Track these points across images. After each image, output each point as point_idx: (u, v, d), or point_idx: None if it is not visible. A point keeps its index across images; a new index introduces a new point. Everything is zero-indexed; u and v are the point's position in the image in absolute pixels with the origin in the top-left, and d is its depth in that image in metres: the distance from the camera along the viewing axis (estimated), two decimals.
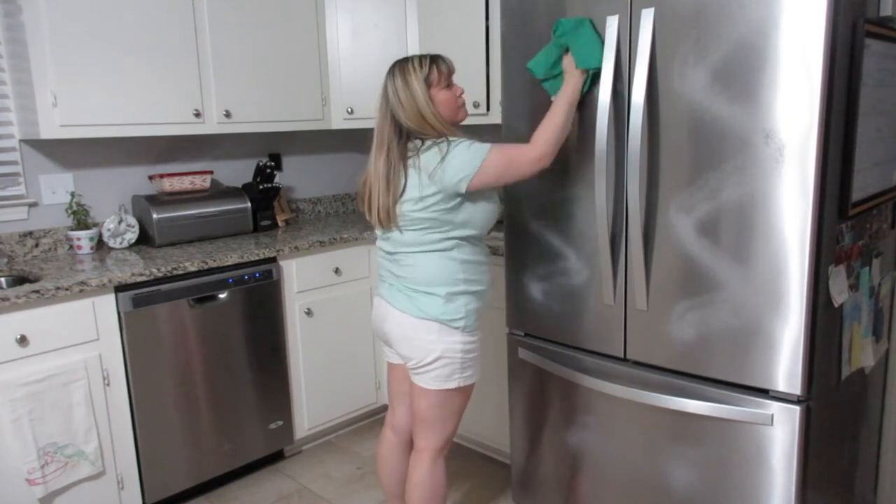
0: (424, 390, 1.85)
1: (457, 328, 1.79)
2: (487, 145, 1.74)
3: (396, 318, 1.84)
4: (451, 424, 1.91)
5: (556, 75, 1.89)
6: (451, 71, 1.84)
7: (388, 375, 2.10)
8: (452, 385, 1.83)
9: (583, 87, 1.84)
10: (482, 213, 1.81)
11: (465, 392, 1.89)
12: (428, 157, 1.73)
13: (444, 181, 1.72)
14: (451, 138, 1.76)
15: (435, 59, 1.81)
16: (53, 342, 2.13)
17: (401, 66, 1.81)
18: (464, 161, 1.71)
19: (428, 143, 1.76)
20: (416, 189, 1.74)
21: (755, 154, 1.58)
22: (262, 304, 2.66)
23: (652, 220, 1.79)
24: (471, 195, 1.77)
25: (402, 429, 2.08)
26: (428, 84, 1.78)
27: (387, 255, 1.90)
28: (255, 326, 2.65)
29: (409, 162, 1.76)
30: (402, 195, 1.77)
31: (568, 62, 1.84)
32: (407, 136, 1.78)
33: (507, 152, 1.76)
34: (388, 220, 1.80)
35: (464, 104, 1.88)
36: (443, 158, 1.71)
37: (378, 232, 1.90)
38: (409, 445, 2.06)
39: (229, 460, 2.64)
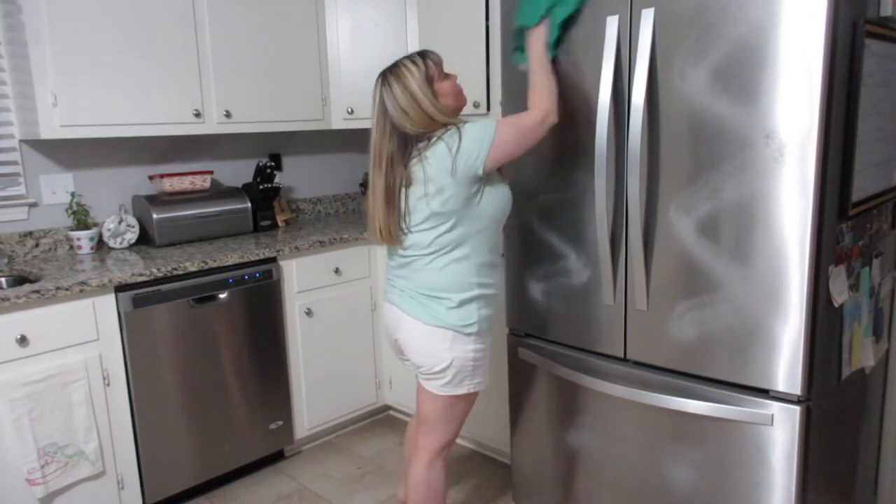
0: (431, 394, 1.84)
1: (470, 334, 1.77)
2: (494, 121, 1.72)
3: (409, 325, 1.80)
4: (453, 428, 1.91)
5: (521, 47, 1.92)
6: (441, 61, 1.82)
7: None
8: (462, 391, 1.82)
9: (547, 48, 1.85)
10: (500, 197, 1.80)
11: (471, 398, 1.88)
12: (440, 150, 1.70)
13: (461, 167, 1.68)
14: (459, 125, 1.72)
15: (424, 55, 1.78)
16: (53, 342, 2.14)
17: (395, 73, 1.75)
18: (477, 139, 1.69)
19: (434, 139, 1.72)
20: (427, 185, 1.71)
21: (755, 154, 1.58)
22: (262, 304, 2.66)
23: (652, 221, 1.79)
24: (488, 179, 1.75)
25: None
26: (429, 80, 1.75)
27: (399, 259, 1.85)
28: (255, 326, 2.65)
29: (414, 162, 1.73)
30: (409, 199, 1.75)
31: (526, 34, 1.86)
32: (412, 142, 1.74)
33: (516, 121, 1.74)
34: (391, 238, 1.79)
35: (460, 89, 1.86)
36: (458, 144, 1.68)
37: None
38: None
39: (229, 460, 2.64)
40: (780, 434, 1.65)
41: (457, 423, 1.91)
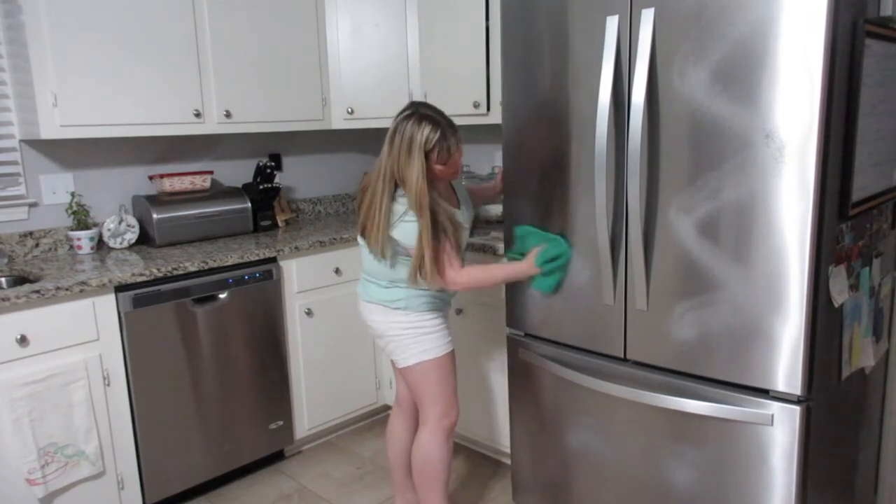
0: (400, 369, 2.09)
1: (397, 309, 2.01)
2: (438, 239, 1.91)
3: (360, 303, 2.13)
4: (438, 397, 2.06)
5: (521, 254, 2.09)
6: (455, 148, 1.92)
7: None
8: (414, 360, 2.03)
9: (532, 279, 2.04)
10: None
11: (435, 366, 2.04)
12: (391, 206, 1.92)
13: (393, 233, 1.93)
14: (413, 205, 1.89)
15: (442, 140, 1.88)
16: (53, 342, 2.14)
17: (413, 127, 1.87)
18: (410, 235, 1.91)
19: (397, 196, 1.92)
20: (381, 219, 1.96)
21: (755, 154, 1.58)
22: (262, 304, 2.66)
23: (652, 221, 1.79)
24: None
25: (402, 399, 2.29)
26: (426, 156, 1.88)
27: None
28: (255, 326, 2.65)
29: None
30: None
31: (532, 255, 2.02)
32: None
33: (443, 254, 1.93)
34: (375, 242, 1.96)
35: (457, 170, 1.99)
36: (399, 218, 1.91)
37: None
38: (410, 416, 2.28)
39: (229, 460, 2.64)
40: (780, 434, 1.65)
41: (440, 393, 2.06)
